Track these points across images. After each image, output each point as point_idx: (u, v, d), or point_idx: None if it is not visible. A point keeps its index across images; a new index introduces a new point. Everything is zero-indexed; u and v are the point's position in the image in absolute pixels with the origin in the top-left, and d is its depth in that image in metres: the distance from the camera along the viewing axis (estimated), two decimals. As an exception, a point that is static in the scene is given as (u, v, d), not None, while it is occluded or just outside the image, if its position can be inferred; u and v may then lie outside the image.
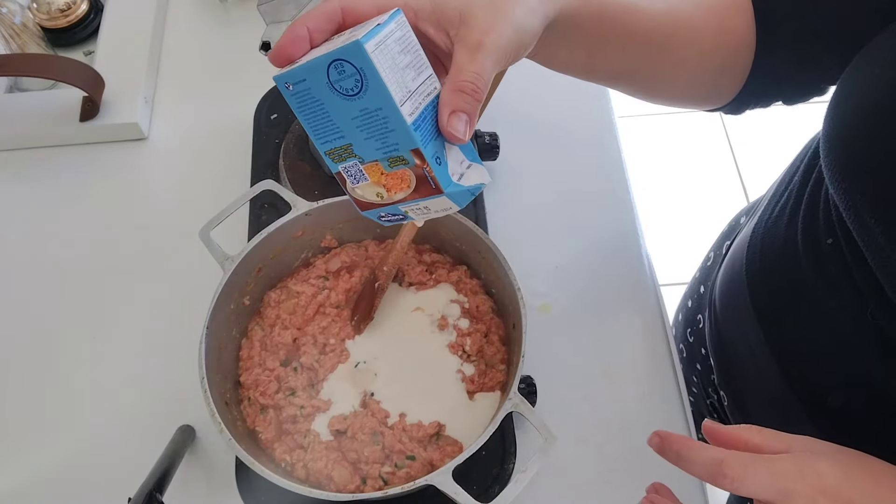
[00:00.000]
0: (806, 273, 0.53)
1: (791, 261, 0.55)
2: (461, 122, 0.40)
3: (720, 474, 0.39)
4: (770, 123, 1.88)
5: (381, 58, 0.38)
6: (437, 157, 0.41)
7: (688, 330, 0.81)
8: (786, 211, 0.58)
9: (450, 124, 0.40)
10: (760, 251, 0.60)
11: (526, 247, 0.71)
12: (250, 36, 0.85)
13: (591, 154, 0.79)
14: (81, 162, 0.81)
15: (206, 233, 0.59)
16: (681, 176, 1.97)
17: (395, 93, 0.38)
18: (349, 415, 0.58)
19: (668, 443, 0.42)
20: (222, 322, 0.59)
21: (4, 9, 0.83)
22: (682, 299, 0.85)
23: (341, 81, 0.39)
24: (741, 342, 0.64)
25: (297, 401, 0.59)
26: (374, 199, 0.45)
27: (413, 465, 0.56)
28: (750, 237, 0.62)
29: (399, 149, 0.41)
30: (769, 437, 0.41)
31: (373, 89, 0.38)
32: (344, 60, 0.38)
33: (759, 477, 0.38)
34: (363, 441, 0.57)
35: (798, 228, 0.55)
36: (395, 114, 0.39)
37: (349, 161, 0.43)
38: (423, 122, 0.40)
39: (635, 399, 0.66)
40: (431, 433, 0.57)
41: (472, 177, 0.44)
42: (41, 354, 0.70)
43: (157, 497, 0.54)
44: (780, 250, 0.57)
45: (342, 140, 0.42)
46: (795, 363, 0.57)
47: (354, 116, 0.40)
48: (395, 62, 0.39)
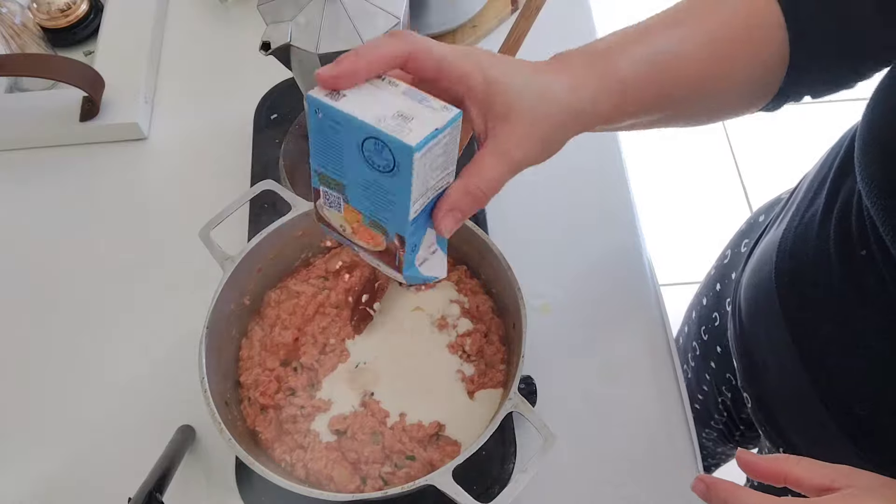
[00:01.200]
0: (838, 283, 0.52)
1: (823, 271, 0.54)
2: (455, 221, 0.41)
3: None
4: (770, 124, 1.88)
5: (421, 164, 0.37)
6: (414, 245, 0.41)
7: (702, 328, 0.81)
8: (816, 217, 0.57)
9: (444, 221, 0.41)
10: (790, 257, 0.59)
11: (526, 247, 0.71)
12: (250, 36, 0.85)
13: (591, 154, 0.79)
14: (81, 162, 0.81)
15: (206, 233, 0.59)
16: (681, 176, 1.96)
17: (414, 192, 0.38)
18: (349, 415, 0.58)
19: (715, 491, 0.41)
20: (222, 322, 0.59)
21: (4, 9, 0.83)
22: (696, 297, 0.85)
23: (373, 154, 0.37)
24: (767, 346, 0.63)
25: (297, 401, 0.59)
26: (337, 225, 0.45)
27: (413, 465, 0.56)
28: (779, 243, 0.61)
29: (387, 224, 0.40)
30: (809, 469, 0.40)
31: (398, 181, 0.37)
32: (386, 145, 0.36)
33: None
34: (363, 441, 0.57)
35: (830, 237, 0.54)
36: (403, 206, 0.38)
37: (334, 192, 0.42)
38: (421, 215, 0.40)
39: (635, 399, 0.66)
40: (431, 433, 0.57)
41: (433, 265, 0.44)
42: (41, 354, 0.70)
43: (157, 497, 0.54)
44: (812, 259, 0.56)
45: (339, 177, 0.41)
46: (824, 370, 0.56)
47: (366, 179, 0.39)
48: (430, 165, 0.38)
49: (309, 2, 0.57)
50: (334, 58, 0.56)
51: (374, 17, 0.57)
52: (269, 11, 0.57)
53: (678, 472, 0.63)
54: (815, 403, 0.57)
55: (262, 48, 0.56)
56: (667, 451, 0.64)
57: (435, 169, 0.38)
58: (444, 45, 0.42)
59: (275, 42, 0.56)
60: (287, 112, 0.80)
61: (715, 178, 1.97)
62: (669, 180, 1.94)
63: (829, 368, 0.56)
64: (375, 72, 0.39)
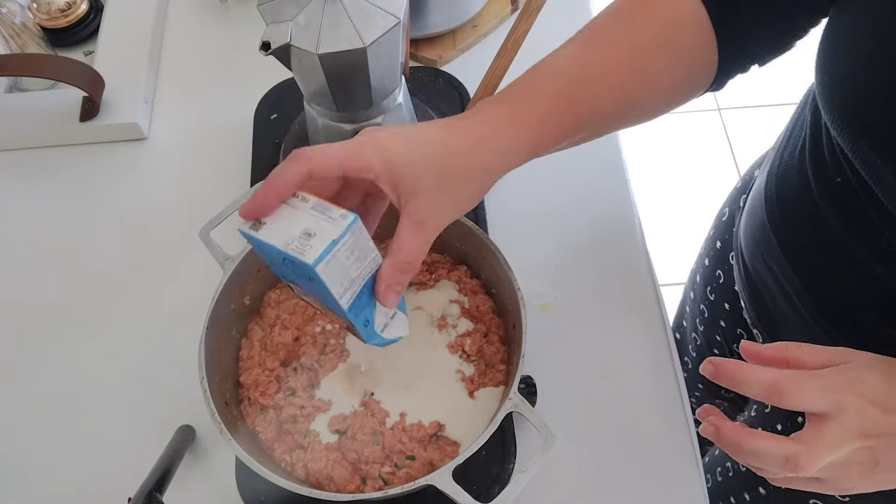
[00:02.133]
0: (823, 211, 0.55)
1: (807, 202, 0.57)
2: (396, 294, 0.46)
3: (776, 393, 0.41)
4: (771, 124, 1.88)
5: (330, 270, 0.41)
6: (366, 320, 0.47)
7: (707, 288, 0.82)
8: (794, 156, 0.60)
9: (386, 297, 0.46)
10: (776, 197, 0.62)
11: (526, 247, 0.71)
12: (250, 36, 0.85)
13: (591, 154, 0.79)
14: (81, 162, 0.81)
15: (206, 233, 0.59)
16: (681, 176, 1.97)
17: (335, 290, 0.42)
18: (349, 415, 0.58)
19: (722, 369, 0.44)
20: (222, 322, 0.59)
21: (4, 9, 0.83)
22: (698, 260, 0.87)
23: (294, 268, 0.42)
24: (772, 282, 0.65)
25: (297, 401, 0.59)
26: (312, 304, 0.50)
27: (413, 465, 0.56)
28: (765, 187, 0.65)
29: (334, 310, 0.45)
30: (809, 351, 0.44)
31: (318, 285, 0.42)
32: (296, 262, 0.41)
33: (813, 392, 0.41)
34: (363, 441, 0.57)
35: (808, 171, 0.57)
36: (334, 302, 0.43)
37: (294, 286, 0.47)
38: (359, 298, 0.45)
39: (635, 399, 0.66)
40: (431, 433, 0.57)
41: (395, 328, 0.49)
42: (41, 354, 0.70)
43: (157, 497, 0.54)
44: (796, 194, 0.59)
45: (288, 279, 0.46)
46: (825, 292, 0.59)
47: (304, 284, 0.44)
48: (341, 266, 0.42)
49: (309, 2, 0.57)
50: (334, 58, 0.56)
51: (374, 17, 0.57)
52: (269, 11, 0.57)
53: (678, 472, 0.63)
54: (822, 324, 0.60)
55: (262, 48, 0.56)
56: (667, 450, 0.64)
57: (350, 265, 0.43)
58: (339, 145, 0.45)
59: (275, 42, 0.56)
60: (287, 112, 0.80)
61: (715, 179, 1.96)
62: (670, 180, 1.94)
63: (829, 289, 0.59)
64: (283, 198, 0.43)
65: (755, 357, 0.45)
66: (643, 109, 0.55)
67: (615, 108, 0.53)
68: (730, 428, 0.44)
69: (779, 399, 0.42)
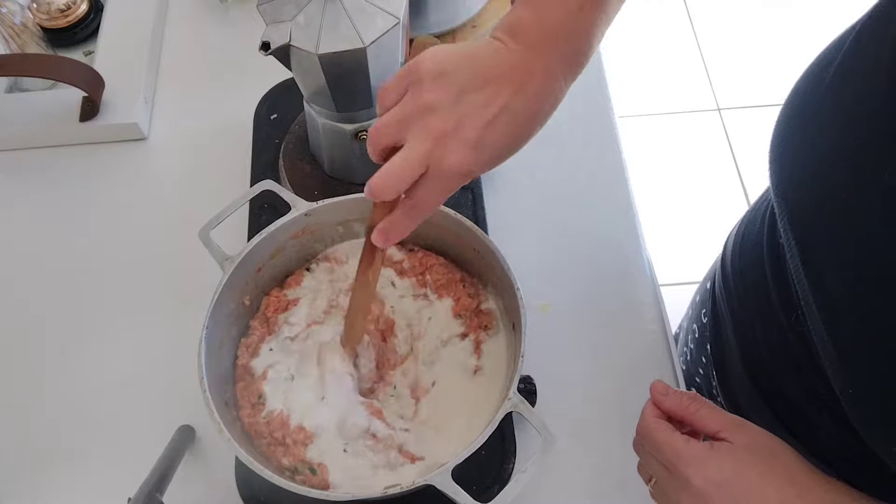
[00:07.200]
0: (768, 277, 0.57)
1: (758, 263, 0.59)
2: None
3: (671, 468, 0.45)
4: (771, 124, 1.88)
5: None
6: None
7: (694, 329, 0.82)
8: (760, 210, 0.61)
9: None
10: (740, 249, 0.65)
11: (526, 247, 0.71)
12: (250, 36, 0.85)
13: (591, 154, 0.79)
14: (81, 162, 0.81)
15: (205, 233, 0.59)
16: (681, 176, 1.97)
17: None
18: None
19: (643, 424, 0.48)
20: (222, 322, 0.59)
21: (4, 9, 0.83)
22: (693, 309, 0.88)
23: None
24: (719, 344, 0.69)
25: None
26: None
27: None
28: (734, 235, 0.67)
29: None
30: (706, 415, 0.46)
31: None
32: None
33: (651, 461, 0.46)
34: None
35: (765, 230, 0.59)
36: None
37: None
38: None
39: (635, 399, 0.66)
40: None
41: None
42: (41, 354, 0.70)
43: (157, 497, 0.54)
44: (751, 250, 0.61)
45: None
46: (759, 362, 0.62)
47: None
48: None
49: (309, 2, 0.57)
50: (334, 58, 0.56)
51: (374, 17, 0.57)
52: (269, 11, 0.57)
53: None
54: (754, 392, 0.63)
55: (262, 48, 0.56)
56: (667, 451, 0.64)
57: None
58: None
59: (275, 42, 0.56)
60: (287, 112, 0.80)
61: (715, 179, 1.97)
62: (670, 180, 1.94)
63: (762, 357, 0.61)
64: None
65: (658, 404, 0.48)
66: None
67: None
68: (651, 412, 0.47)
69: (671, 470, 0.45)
